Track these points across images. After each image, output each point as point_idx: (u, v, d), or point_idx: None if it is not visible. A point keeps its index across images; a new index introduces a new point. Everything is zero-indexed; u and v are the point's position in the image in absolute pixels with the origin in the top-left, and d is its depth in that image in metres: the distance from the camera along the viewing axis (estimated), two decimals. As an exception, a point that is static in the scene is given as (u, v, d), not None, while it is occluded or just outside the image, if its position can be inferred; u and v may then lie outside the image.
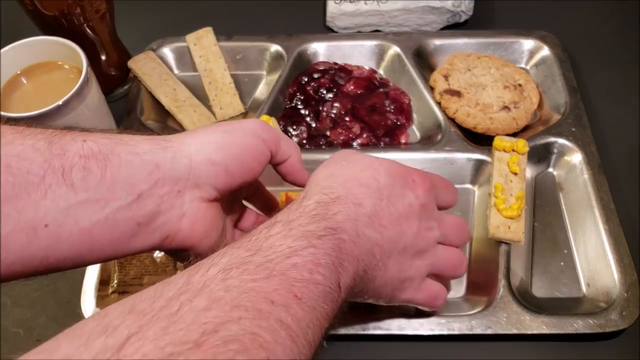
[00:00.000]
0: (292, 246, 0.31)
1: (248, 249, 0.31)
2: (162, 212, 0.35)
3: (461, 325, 0.52)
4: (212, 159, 0.37)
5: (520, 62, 0.75)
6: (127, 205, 0.33)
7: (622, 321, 0.52)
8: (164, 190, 0.35)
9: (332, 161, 0.42)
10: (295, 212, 0.35)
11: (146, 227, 0.35)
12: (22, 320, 0.56)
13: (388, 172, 0.41)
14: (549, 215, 0.62)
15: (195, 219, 0.37)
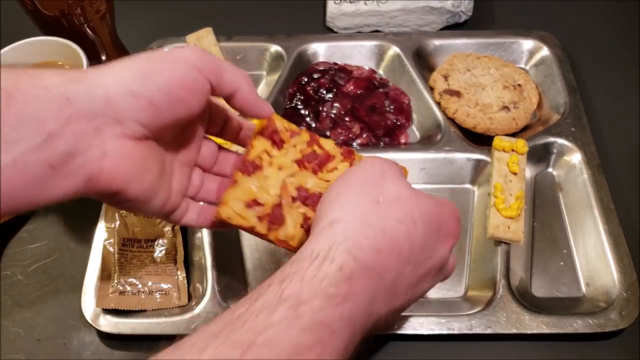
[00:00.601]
0: (296, 343, 0.27)
1: (237, 343, 0.26)
2: (79, 152, 0.31)
3: (461, 325, 0.52)
4: (133, 90, 0.32)
5: (520, 62, 0.76)
6: (37, 146, 0.29)
7: (622, 321, 0.52)
8: (79, 128, 0.31)
9: (366, 184, 0.36)
10: (310, 284, 0.29)
11: (62, 170, 0.31)
12: (22, 320, 0.56)
13: (426, 225, 0.36)
14: (548, 215, 0.62)
15: (120, 158, 0.33)
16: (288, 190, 0.40)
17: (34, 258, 0.60)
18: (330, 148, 0.43)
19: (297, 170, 0.41)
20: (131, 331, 0.53)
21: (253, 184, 0.39)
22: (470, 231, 0.62)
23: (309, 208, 0.40)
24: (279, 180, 0.40)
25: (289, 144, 0.42)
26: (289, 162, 0.41)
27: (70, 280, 0.58)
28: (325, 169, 0.42)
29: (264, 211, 0.39)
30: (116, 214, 0.58)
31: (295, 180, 0.40)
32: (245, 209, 0.39)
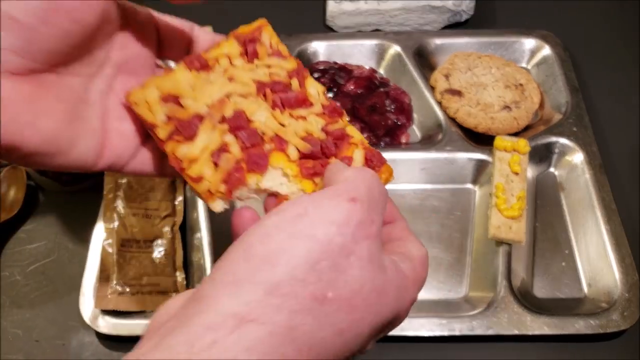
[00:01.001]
0: None
1: None
2: None
3: (462, 326, 0.52)
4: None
5: (522, 61, 0.75)
6: None
7: (624, 321, 0.52)
8: None
9: (319, 264, 0.23)
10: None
11: None
12: (21, 320, 0.56)
13: (375, 331, 0.26)
14: (550, 215, 0.62)
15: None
16: (224, 107, 0.31)
17: (33, 258, 0.60)
18: (314, 93, 0.33)
19: (252, 93, 0.32)
20: (130, 332, 0.52)
21: (188, 80, 0.32)
22: (472, 231, 0.61)
23: (236, 142, 0.30)
24: (220, 92, 0.31)
25: (263, 61, 0.33)
26: (247, 79, 0.32)
27: (68, 281, 0.58)
28: (289, 111, 0.32)
29: (178, 114, 0.31)
30: (115, 214, 0.57)
31: (241, 103, 0.31)
32: (158, 102, 0.31)
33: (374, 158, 0.32)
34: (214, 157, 0.30)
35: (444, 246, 0.60)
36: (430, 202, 0.64)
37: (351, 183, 0.26)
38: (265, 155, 0.30)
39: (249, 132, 0.31)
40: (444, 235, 0.61)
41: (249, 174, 0.30)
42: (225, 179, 0.30)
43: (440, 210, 0.63)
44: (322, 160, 0.31)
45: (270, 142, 0.31)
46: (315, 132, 0.31)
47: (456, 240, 0.61)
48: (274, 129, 0.31)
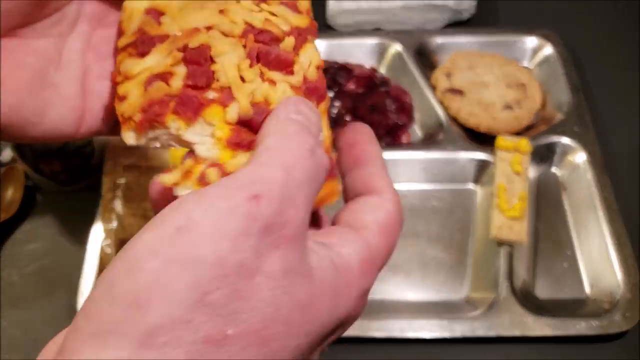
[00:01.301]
0: None
1: None
2: None
3: (463, 328, 0.51)
4: None
5: (523, 60, 0.75)
6: None
7: (626, 323, 0.52)
8: None
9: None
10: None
11: None
12: (19, 321, 0.56)
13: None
14: (552, 215, 0.62)
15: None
16: (193, 36, 0.26)
17: (31, 259, 0.60)
18: (304, 63, 0.27)
19: (235, 34, 0.26)
20: (129, 333, 0.52)
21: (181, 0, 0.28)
22: (473, 232, 0.61)
23: (182, 77, 0.25)
24: (202, 21, 0.27)
25: (271, 7, 0.29)
26: (239, 18, 0.27)
27: (67, 282, 0.57)
28: (262, 68, 0.26)
29: (148, 28, 0.27)
30: (113, 215, 0.57)
31: (214, 39, 0.26)
32: (142, 12, 0.28)
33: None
34: (148, 82, 0.25)
35: (445, 247, 0.60)
36: (431, 202, 0.64)
37: (260, 166, 0.20)
38: (200, 103, 0.24)
39: (200, 71, 0.25)
40: (444, 236, 0.61)
41: (172, 115, 0.24)
42: (145, 108, 0.25)
43: (441, 210, 0.63)
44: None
45: (218, 92, 0.25)
46: (275, 102, 0.25)
47: (457, 241, 0.61)
48: (230, 79, 0.25)
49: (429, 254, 0.59)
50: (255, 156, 0.21)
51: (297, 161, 0.20)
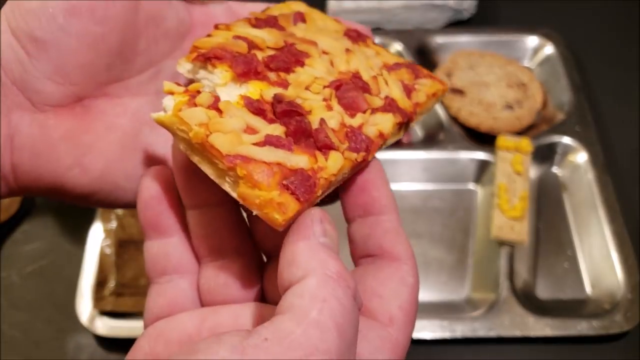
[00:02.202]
0: None
1: None
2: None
3: (464, 328, 0.51)
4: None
5: (524, 60, 0.75)
6: None
7: (626, 323, 0.51)
8: None
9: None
10: None
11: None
12: (19, 323, 0.56)
13: None
14: (552, 215, 0.62)
15: (29, 142, 0.23)
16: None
17: (30, 260, 0.60)
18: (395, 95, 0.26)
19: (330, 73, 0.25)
20: (128, 334, 0.52)
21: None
22: (474, 232, 0.61)
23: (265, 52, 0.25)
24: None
25: (370, 49, 0.28)
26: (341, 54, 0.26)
27: (66, 282, 0.57)
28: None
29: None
30: (112, 214, 0.57)
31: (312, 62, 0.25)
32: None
33: (297, 179, 0.21)
34: (239, 38, 0.25)
35: (446, 247, 0.60)
36: (432, 202, 0.63)
37: (312, 326, 0.18)
38: (257, 72, 0.24)
39: (281, 60, 0.24)
40: (445, 236, 0.61)
41: (227, 65, 0.23)
42: (215, 48, 0.24)
43: (442, 210, 0.63)
44: (271, 118, 0.23)
45: (278, 77, 0.24)
46: (315, 116, 0.23)
47: (458, 241, 0.60)
48: (298, 78, 0.24)
49: (430, 254, 0.59)
50: (301, 302, 0.18)
51: (347, 318, 0.18)
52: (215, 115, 0.21)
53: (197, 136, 0.21)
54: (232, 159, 0.20)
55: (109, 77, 0.24)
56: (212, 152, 0.21)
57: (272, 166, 0.21)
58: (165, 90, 0.22)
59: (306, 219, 0.21)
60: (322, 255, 0.20)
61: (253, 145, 0.21)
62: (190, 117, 0.21)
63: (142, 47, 0.25)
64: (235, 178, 0.21)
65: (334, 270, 0.19)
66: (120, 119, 0.25)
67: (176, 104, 0.21)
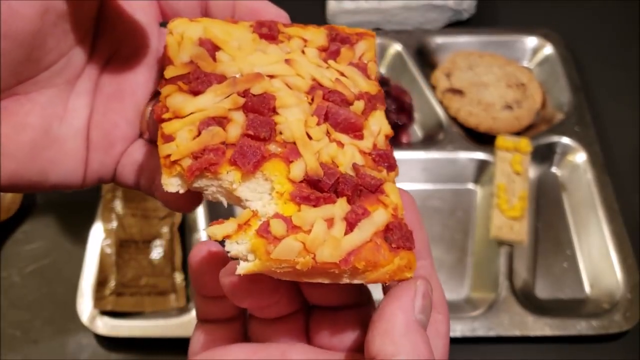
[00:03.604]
0: None
1: None
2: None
3: (463, 327, 0.51)
4: None
5: (523, 60, 0.75)
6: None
7: (626, 322, 0.51)
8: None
9: None
10: None
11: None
12: (19, 322, 0.56)
13: None
14: (552, 215, 0.62)
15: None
16: (256, 81, 0.25)
17: (30, 259, 0.60)
18: (374, 130, 0.26)
19: (300, 88, 0.25)
20: (128, 333, 0.52)
21: (242, 38, 0.26)
22: (473, 232, 0.61)
23: (241, 125, 0.24)
24: (266, 67, 0.25)
25: (339, 66, 0.27)
26: (305, 71, 0.26)
27: (66, 282, 0.57)
28: (329, 128, 0.25)
29: (202, 62, 0.25)
30: (113, 214, 0.57)
31: (279, 90, 0.25)
32: (193, 41, 0.25)
33: (397, 234, 0.22)
34: (203, 125, 0.23)
35: (446, 247, 0.60)
36: (432, 202, 0.64)
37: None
38: (262, 156, 0.23)
39: (262, 121, 0.23)
40: (445, 236, 0.61)
41: (228, 165, 0.22)
42: (197, 154, 0.23)
43: (441, 210, 0.63)
44: (326, 196, 0.22)
45: (281, 146, 0.23)
46: (343, 164, 0.23)
47: (458, 241, 0.61)
48: (295, 134, 0.23)
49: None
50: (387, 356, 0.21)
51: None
52: (304, 236, 0.21)
53: (306, 264, 0.21)
54: (347, 262, 0.21)
55: (17, 80, 0.23)
56: (325, 267, 0.21)
57: (374, 241, 0.21)
58: (215, 238, 0.22)
59: (410, 289, 0.22)
60: (416, 338, 0.21)
61: (347, 236, 0.21)
62: (288, 253, 0.21)
63: (51, 45, 0.24)
64: (355, 272, 0.21)
65: (424, 355, 0.21)
66: (29, 117, 0.24)
67: (256, 247, 0.21)
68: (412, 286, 0.22)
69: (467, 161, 0.64)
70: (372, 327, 0.21)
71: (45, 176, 0.25)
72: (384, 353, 0.20)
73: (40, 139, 0.24)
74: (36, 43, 0.23)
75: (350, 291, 0.25)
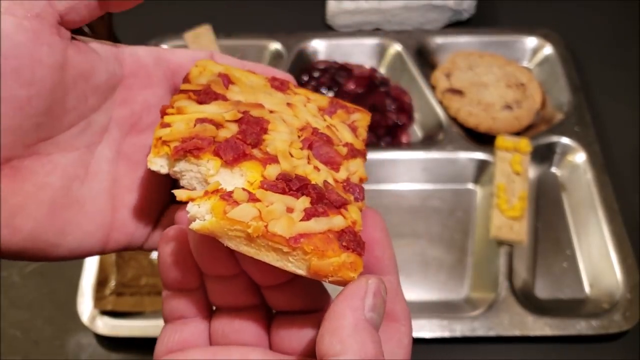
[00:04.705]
0: None
1: None
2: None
3: (463, 327, 0.51)
4: None
5: (523, 60, 0.75)
6: None
7: (625, 322, 0.51)
8: None
9: None
10: None
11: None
12: (19, 322, 0.56)
13: None
14: (551, 215, 0.62)
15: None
16: (256, 109, 0.27)
17: (31, 259, 0.60)
18: (350, 171, 0.27)
19: (294, 126, 0.28)
20: (128, 333, 0.52)
21: (254, 82, 0.29)
22: (473, 232, 0.61)
23: (233, 130, 0.26)
24: (268, 102, 0.28)
25: (333, 121, 0.30)
26: (303, 116, 0.29)
27: (66, 282, 0.57)
28: (310, 154, 0.27)
29: (215, 85, 0.28)
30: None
31: (274, 119, 0.27)
32: (213, 73, 0.29)
33: (350, 238, 0.23)
34: (199, 121, 0.26)
35: (445, 247, 0.60)
36: (432, 202, 0.64)
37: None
38: (245, 153, 0.25)
39: (252, 132, 0.26)
40: (445, 236, 0.61)
41: (210, 154, 0.24)
42: (186, 139, 0.25)
43: (441, 210, 0.63)
44: (292, 193, 0.24)
45: (264, 154, 0.25)
46: (316, 180, 0.25)
47: (457, 241, 0.61)
48: (278, 149, 0.26)
49: (430, 254, 0.60)
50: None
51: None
52: (262, 206, 0.22)
53: (257, 230, 0.22)
54: (296, 240, 0.22)
55: (38, 136, 0.24)
56: (274, 240, 0.22)
57: (327, 234, 0.23)
58: (182, 199, 0.23)
59: (361, 288, 0.22)
60: (364, 336, 0.21)
61: (302, 222, 0.23)
62: (242, 215, 0.22)
63: (71, 104, 0.24)
64: (301, 256, 0.22)
65: (371, 354, 0.20)
66: (49, 177, 0.24)
67: (215, 207, 0.22)
68: (362, 284, 0.22)
69: (467, 161, 0.64)
70: (322, 326, 0.21)
71: (62, 238, 0.25)
72: (332, 352, 0.20)
73: (60, 199, 0.25)
74: (56, 97, 0.23)
75: (310, 295, 0.26)
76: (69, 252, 0.26)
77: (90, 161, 0.26)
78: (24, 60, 0.22)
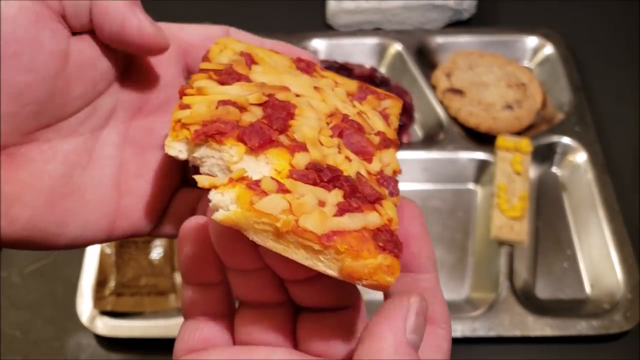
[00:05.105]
0: None
1: None
2: None
3: (463, 328, 0.51)
4: None
5: (524, 60, 0.75)
6: None
7: (626, 322, 0.51)
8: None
9: None
10: None
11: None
12: (19, 322, 0.56)
13: None
14: (552, 215, 0.62)
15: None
16: (281, 92, 0.25)
17: (30, 259, 0.60)
18: (383, 163, 0.25)
19: (321, 112, 0.26)
20: (128, 333, 0.52)
21: (278, 61, 0.28)
22: (473, 232, 0.61)
23: (257, 114, 0.24)
24: (294, 85, 0.26)
25: (363, 107, 0.28)
26: (331, 100, 0.27)
27: (66, 282, 0.57)
28: (341, 142, 0.25)
29: (237, 65, 0.26)
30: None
31: (301, 103, 0.25)
32: (235, 51, 0.27)
33: (386, 237, 0.21)
34: (221, 103, 0.23)
35: (446, 247, 0.60)
36: (432, 202, 0.64)
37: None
38: (271, 139, 0.23)
39: (278, 116, 0.24)
40: (445, 236, 0.61)
41: (234, 140, 0.22)
42: (207, 122, 0.23)
43: (442, 210, 0.63)
44: (324, 184, 0.22)
45: (291, 141, 0.23)
46: (348, 172, 0.23)
47: (458, 241, 0.61)
48: (306, 136, 0.23)
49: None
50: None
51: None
52: (293, 198, 0.20)
53: (287, 225, 0.20)
54: (328, 238, 0.20)
55: (37, 124, 0.22)
56: (305, 236, 0.20)
57: (362, 232, 0.21)
58: (204, 186, 0.21)
59: (402, 307, 0.21)
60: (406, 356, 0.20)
61: (335, 217, 0.21)
62: (271, 207, 0.20)
63: (77, 92, 0.23)
64: (333, 255, 0.20)
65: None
66: (48, 164, 0.23)
67: (240, 196, 0.20)
68: (404, 303, 0.21)
69: (468, 161, 0.64)
70: (359, 346, 0.20)
71: (63, 226, 0.24)
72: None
73: (59, 187, 0.24)
74: (59, 85, 0.22)
75: (339, 291, 0.24)
76: (72, 241, 0.25)
77: (95, 147, 0.25)
78: (24, 45, 0.21)
